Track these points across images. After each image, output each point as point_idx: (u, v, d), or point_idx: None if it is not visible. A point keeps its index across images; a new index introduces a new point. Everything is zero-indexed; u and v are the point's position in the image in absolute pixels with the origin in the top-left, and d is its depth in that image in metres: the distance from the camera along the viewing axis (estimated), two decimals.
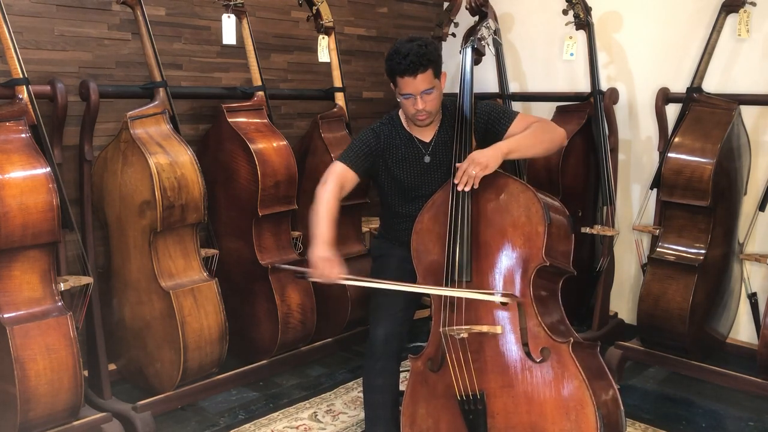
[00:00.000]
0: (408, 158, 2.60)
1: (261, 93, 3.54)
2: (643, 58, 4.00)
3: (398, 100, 2.52)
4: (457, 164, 2.45)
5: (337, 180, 2.52)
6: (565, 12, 3.84)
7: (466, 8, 2.89)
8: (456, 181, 2.41)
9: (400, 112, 2.66)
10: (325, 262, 2.34)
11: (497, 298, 2.35)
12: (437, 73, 2.46)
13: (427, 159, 2.60)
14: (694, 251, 3.33)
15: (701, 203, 3.26)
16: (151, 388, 3.15)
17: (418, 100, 2.45)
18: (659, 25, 3.92)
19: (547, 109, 4.21)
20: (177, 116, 3.19)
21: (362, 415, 3.08)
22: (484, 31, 2.68)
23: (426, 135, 2.62)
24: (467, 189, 2.39)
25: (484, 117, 2.60)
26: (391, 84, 2.52)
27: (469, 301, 2.41)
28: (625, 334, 3.87)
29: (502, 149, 2.43)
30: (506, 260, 2.40)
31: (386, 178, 2.64)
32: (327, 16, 3.71)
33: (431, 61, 2.41)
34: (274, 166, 3.38)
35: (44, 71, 3.11)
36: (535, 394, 2.29)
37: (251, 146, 3.32)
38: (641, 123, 4.05)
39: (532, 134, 2.51)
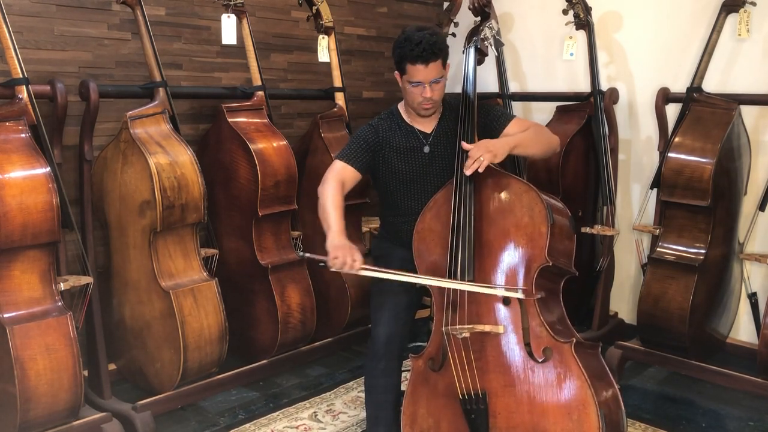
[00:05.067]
0: (408, 149, 2.61)
1: (261, 93, 3.53)
2: (643, 58, 4.00)
3: (405, 87, 2.54)
4: (465, 145, 2.47)
5: (336, 177, 2.54)
6: (565, 12, 3.84)
7: (469, 8, 2.88)
8: (465, 168, 2.43)
9: (400, 106, 2.67)
10: (345, 251, 2.33)
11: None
12: (444, 64, 2.52)
13: (426, 149, 2.61)
14: (694, 251, 3.33)
15: (701, 203, 3.26)
16: (151, 388, 3.15)
17: (427, 88, 2.49)
18: (659, 25, 3.92)
19: (547, 109, 4.21)
20: (177, 116, 3.19)
21: (362, 414, 3.08)
22: (487, 32, 2.68)
23: (427, 126, 2.63)
24: (469, 172, 2.40)
25: (484, 115, 2.64)
26: (396, 73, 2.55)
27: (471, 301, 2.40)
28: (625, 334, 3.87)
29: (510, 143, 2.50)
30: (509, 260, 2.40)
31: (386, 173, 2.64)
32: (327, 16, 3.70)
33: (441, 51, 2.48)
34: (274, 166, 3.38)
35: (44, 71, 3.10)
36: (536, 394, 2.29)
37: (251, 146, 3.32)
38: (641, 123, 4.05)
39: (534, 134, 2.60)
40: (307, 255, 2.46)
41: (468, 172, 2.40)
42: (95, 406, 2.92)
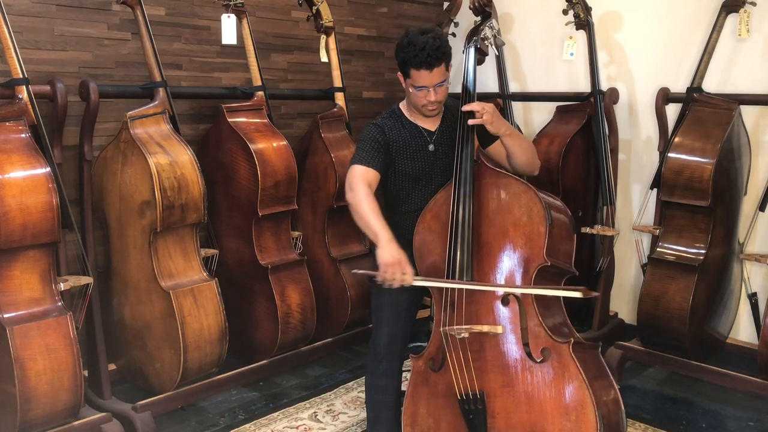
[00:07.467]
0: (413, 147, 2.61)
1: (261, 93, 3.54)
2: (643, 58, 4.00)
3: (409, 90, 2.53)
4: (467, 106, 2.51)
5: (362, 181, 2.48)
6: (565, 12, 3.84)
7: (470, 8, 2.87)
8: (465, 108, 2.48)
9: (401, 105, 2.66)
10: (396, 267, 2.31)
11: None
12: (447, 66, 2.51)
13: (431, 147, 2.62)
14: (694, 251, 3.33)
15: (701, 203, 3.26)
16: (151, 388, 3.15)
17: (431, 92, 2.48)
18: (659, 25, 3.92)
19: (547, 109, 4.21)
20: (177, 116, 3.19)
21: (362, 415, 3.08)
22: (487, 31, 2.67)
23: (431, 125, 2.64)
24: (470, 116, 2.46)
25: None
26: (400, 74, 2.54)
27: (470, 301, 2.40)
28: (625, 334, 3.87)
29: (507, 125, 2.56)
30: (507, 260, 2.40)
31: (392, 171, 2.63)
32: (327, 16, 3.70)
33: (445, 55, 2.47)
34: (274, 166, 3.38)
35: (44, 71, 3.11)
36: (535, 394, 2.29)
37: (251, 146, 3.32)
38: (641, 123, 4.05)
39: (526, 141, 2.65)
40: (359, 272, 2.44)
41: (467, 108, 2.46)
42: (95, 406, 2.92)
